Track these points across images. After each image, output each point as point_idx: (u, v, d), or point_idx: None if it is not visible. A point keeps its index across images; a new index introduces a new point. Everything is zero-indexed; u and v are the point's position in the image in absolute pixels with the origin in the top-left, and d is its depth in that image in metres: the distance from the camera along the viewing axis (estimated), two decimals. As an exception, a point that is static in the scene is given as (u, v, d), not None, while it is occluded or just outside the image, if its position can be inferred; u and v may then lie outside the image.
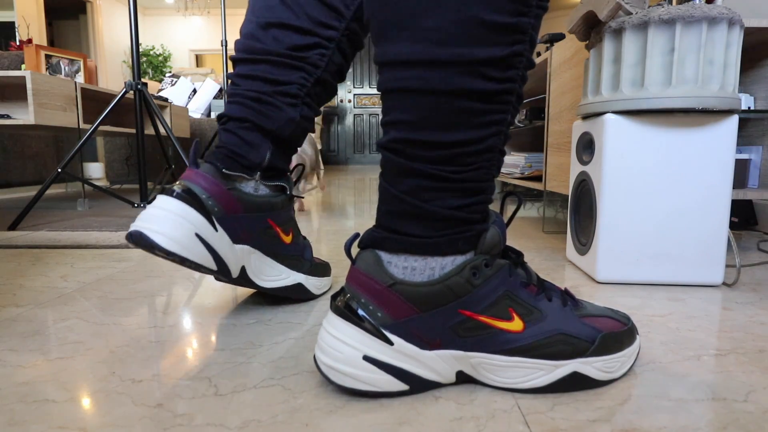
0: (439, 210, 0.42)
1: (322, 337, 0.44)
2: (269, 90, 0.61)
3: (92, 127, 1.52)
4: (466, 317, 0.43)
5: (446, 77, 0.39)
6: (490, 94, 0.40)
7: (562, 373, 0.44)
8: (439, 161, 0.41)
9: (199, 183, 0.56)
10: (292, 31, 0.61)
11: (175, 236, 0.52)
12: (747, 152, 1.18)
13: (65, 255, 1.03)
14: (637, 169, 0.78)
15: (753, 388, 0.45)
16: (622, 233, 0.79)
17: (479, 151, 0.41)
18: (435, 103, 0.40)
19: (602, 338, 0.45)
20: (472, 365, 0.44)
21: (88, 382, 0.45)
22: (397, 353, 0.42)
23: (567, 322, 0.45)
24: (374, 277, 0.43)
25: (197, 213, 0.54)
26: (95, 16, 5.69)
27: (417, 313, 0.42)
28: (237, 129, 0.61)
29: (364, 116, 6.60)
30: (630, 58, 0.75)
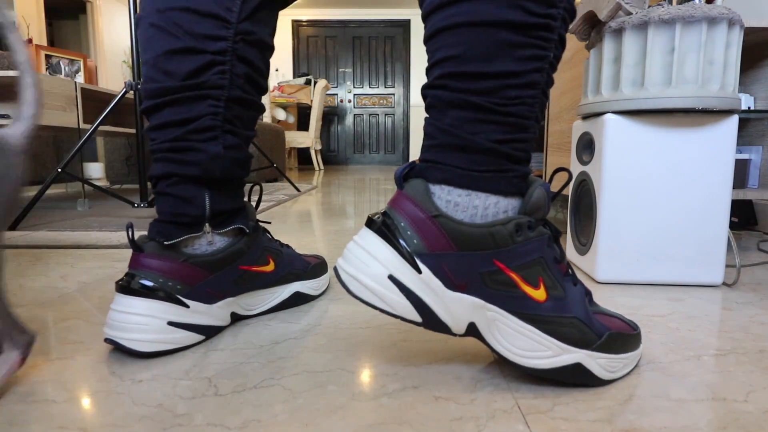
0: (483, 141, 0.43)
1: (350, 248, 0.44)
2: (181, 133, 0.55)
3: (92, 127, 1.52)
4: (498, 268, 0.43)
5: (491, 9, 0.41)
6: (530, 26, 0.41)
7: (567, 360, 0.44)
8: (483, 92, 0.42)
9: (152, 267, 0.52)
10: (179, 55, 0.53)
11: (150, 337, 0.50)
12: (747, 152, 1.18)
13: (65, 255, 1.03)
14: (637, 169, 0.78)
15: (753, 388, 0.45)
16: (622, 233, 0.79)
17: (521, 84, 0.42)
18: (479, 34, 0.41)
19: (610, 336, 0.46)
20: (486, 320, 0.44)
21: (88, 383, 0.45)
22: (422, 283, 0.43)
23: (583, 310, 0.46)
24: (420, 204, 0.43)
25: (161, 303, 0.51)
26: (95, 16, 5.69)
27: (453, 250, 0.43)
28: (166, 188, 0.55)
29: (364, 116, 6.60)
30: (630, 58, 0.75)
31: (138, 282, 0.51)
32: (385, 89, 6.54)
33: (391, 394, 0.44)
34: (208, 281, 0.56)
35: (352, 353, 0.53)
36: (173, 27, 0.53)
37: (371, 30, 6.44)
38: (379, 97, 6.56)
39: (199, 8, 0.53)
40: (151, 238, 0.54)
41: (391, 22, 6.41)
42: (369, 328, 0.60)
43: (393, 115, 6.59)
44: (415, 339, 0.56)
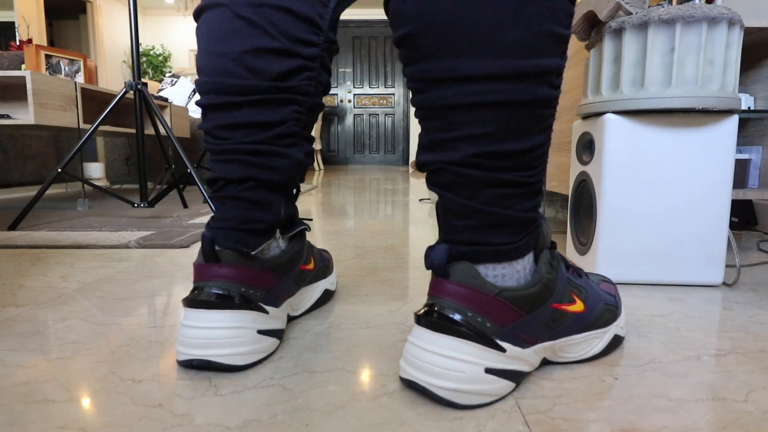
0: (519, 214, 0.44)
1: (427, 359, 0.41)
2: (264, 137, 0.52)
3: (92, 127, 1.52)
4: (555, 310, 0.46)
5: (528, 88, 0.40)
6: (552, 99, 0.43)
7: (608, 337, 0.52)
8: (517, 168, 0.43)
9: (233, 278, 0.49)
10: (272, 55, 0.50)
11: (246, 349, 0.48)
12: (747, 152, 1.18)
13: (65, 255, 1.03)
14: (637, 169, 0.78)
15: (753, 388, 0.45)
16: (622, 233, 0.79)
17: (543, 153, 0.44)
18: (516, 113, 0.41)
19: (618, 300, 0.55)
20: (554, 350, 0.48)
21: (88, 382, 0.45)
22: (508, 358, 0.43)
23: (599, 292, 0.52)
24: (479, 289, 0.42)
25: (250, 312, 0.49)
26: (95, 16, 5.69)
27: (521, 317, 0.43)
28: (240, 192, 0.52)
29: (364, 116, 6.60)
30: (630, 58, 0.75)
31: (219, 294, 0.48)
32: (385, 89, 6.54)
33: (391, 393, 0.44)
34: (278, 285, 0.55)
35: (352, 353, 0.53)
36: (267, 24, 0.50)
37: (371, 30, 6.44)
38: (379, 97, 6.56)
39: (296, 10, 0.51)
40: (227, 246, 0.50)
41: (391, 22, 6.41)
42: (369, 328, 0.60)
43: (393, 115, 6.59)
44: (415, 339, 0.56)
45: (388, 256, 1.02)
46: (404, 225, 1.45)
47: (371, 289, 0.77)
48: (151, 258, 1.00)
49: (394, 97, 6.54)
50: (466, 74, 0.40)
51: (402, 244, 1.16)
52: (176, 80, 3.49)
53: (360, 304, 0.70)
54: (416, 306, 0.69)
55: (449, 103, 0.41)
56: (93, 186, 1.54)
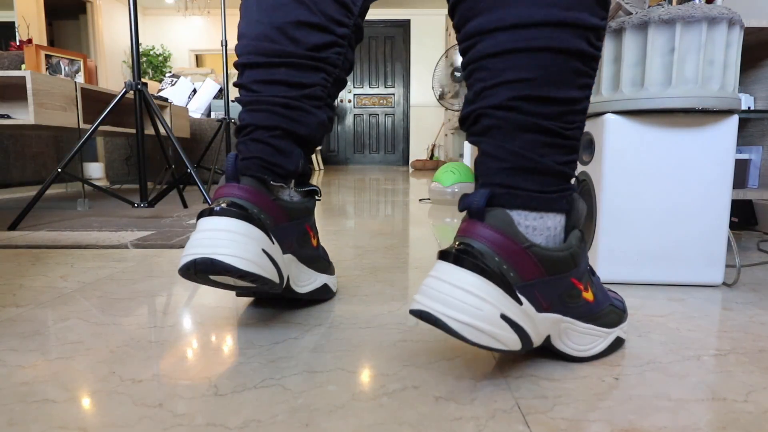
0: (553, 165, 0.45)
1: (447, 291, 0.41)
2: (296, 94, 0.59)
3: (92, 127, 1.52)
4: (573, 284, 0.47)
5: (566, 38, 0.43)
6: (590, 57, 0.45)
7: (611, 339, 0.52)
8: (553, 117, 0.45)
9: (248, 198, 0.54)
10: (310, 29, 0.58)
11: (249, 257, 0.50)
12: (747, 152, 1.18)
13: (65, 255, 1.03)
14: (637, 169, 0.78)
15: (753, 388, 0.45)
16: (622, 233, 0.79)
17: (580, 110, 0.46)
18: (555, 60, 0.44)
19: (624, 306, 0.55)
20: (559, 330, 0.48)
21: (88, 382, 0.45)
22: (523, 314, 0.43)
23: (606, 292, 0.53)
24: (511, 237, 0.43)
25: (258, 229, 0.52)
26: (95, 16, 5.69)
27: (543, 277, 0.45)
28: (268, 138, 0.59)
29: (364, 116, 6.60)
30: (630, 58, 0.75)
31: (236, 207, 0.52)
32: (385, 89, 6.54)
33: (391, 394, 0.44)
34: (285, 227, 0.59)
35: (352, 353, 0.53)
36: (311, 3, 0.58)
37: (371, 30, 6.44)
38: (379, 97, 6.56)
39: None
40: (248, 174, 0.56)
41: (391, 22, 6.41)
42: (369, 328, 0.60)
43: (393, 115, 6.59)
44: (415, 339, 0.56)
45: (388, 256, 1.02)
46: (404, 225, 1.45)
47: (371, 289, 0.77)
48: (151, 258, 1.00)
49: (394, 97, 6.54)
50: (513, 22, 0.43)
51: (402, 244, 1.16)
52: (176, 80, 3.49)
53: (360, 304, 0.70)
54: (416, 306, 0.69)
55: (495, 50, 0.45)
56: (93, 186, 1.54)
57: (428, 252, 1.06)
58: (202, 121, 3.06)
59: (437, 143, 6.45)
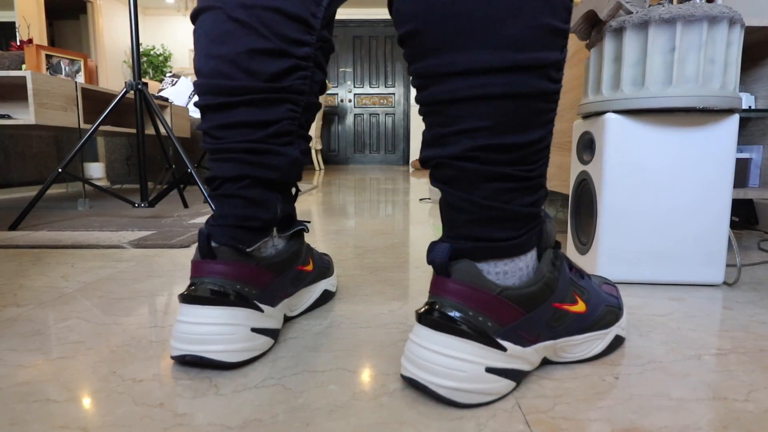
0: (520, 209, 0.44)
1: (428, 358, 0.42)
2: (260, 136, 0.52)
3: (93, 127, 1.52)
4: (556, 309, 0.47)
5: (526, 81, 0.41)
6: (552, 93, 0.43)
7: (610, 338, 0.52)
8: (517, 162, 0.43)
9: (227, 275, 0.49)
10: (265, 56, 0.51)
11: (238, 346, 0.48)
12: (747, 151, 1.18)
13: (66, 255, 1.03)
14: (637, 168, 0.78)
15: (754, 388, 0.45)
16: (623, 233, 0.79)
17: (544, 147, 0.44)
18: (515, 106, 0.41)
19: (620, 301, 0.55)
20: (554, 350, 0.48)
21: (88, 382, 0.45)
22: (509, 357, 0.43)
23: (600, 294, 0.53)
24: (480, 288, 0.42)
25: (243, 310, 0.49)
26: (95, 16, 5.69)
27: (522, 315, 0.43)
28: (237, 190, 0.53)
29: (365, 116, 6.60)
30: (631, 58, 0.75)
31: (212, 290, 0.48)
32: (385, 89, 6.54)
33: (392, 393, 0.44)
34: (274, 284, 0.55)
35: (352, 353, 0.53)
36: (261, 26, 0.51)
37: (372, 30, 6.44)
38: (379, 96, 6.56)
39: (288, 10, 0.51)
40: (223, 243, 0.51)
41: (392, 22, 6.41)
42: (369, 328, 0.60)
43: (393, 114, 6.59)
44: (416, 338, 0.56)
45: (389, 255, 1.02)
46: (405, 225, 1.45)
47: (371, 289, 0.77)
48: (151, 258, 1.00)
49: (395, 96, 6.54)
50: (465, 68, 0.40)
51: (402, 243, 1.16)
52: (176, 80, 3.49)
53: (360, 303, 0.70)
54: (417, 305, 0.69)
55: (449, 97, 0.42)
56: (93, 186, 1.54)
57: (429, 251, 1.06)
58: (203, 121, 3.05)
59: (438, 143, 6.44)
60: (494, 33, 0.39)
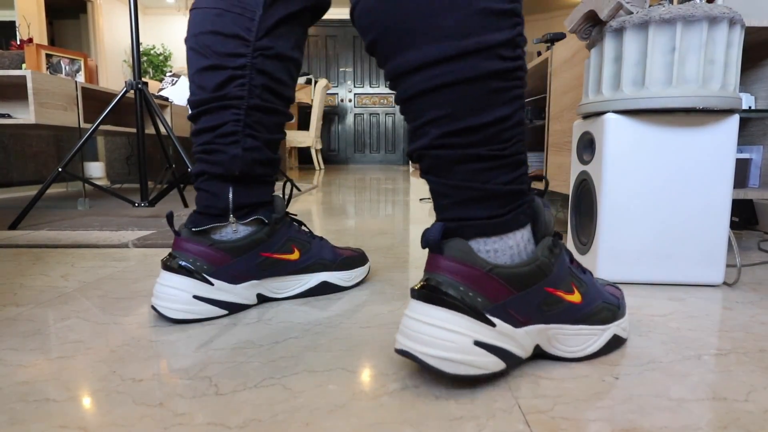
0: (499, 187, 0.46)
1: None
2: (210, 138, 0.64)
3: (93, 126, 1.52)
4: (548, 293, 0.47)
5: (474, 65, 0.43)
6: (509, 71, 0.44)
7: (607, 336, 0.51)
8: (485, 142, 0.45)
9: (185, 249, 0.62)
10: (207, 72, 0.63)
11: (177, 307, 0.60)
12: (748, 152, 1.18)
13: (66, 254, 1.03)
14: (637, 168, 0.78)
15: (754, 388, 0.45)
16: (623, 233, 0.79)
17: (513, 125, 0.45)
18: (469, 90, 0.44)
19: (621, 303, 0.54)
20: (548, 337, 0.49)
21: (88, 382, 0.46)
22: (498, 334, 0.45)
23: (600, 291, 0.53)
24: (472, 264, 0.44)
25: (188, 279, 0.61)
26: (96, 16, 5.69)
27: (513, 294, 0.45)
28: (200, 184, 0.66)
29: (365, 116, 6.59)
30: (631, 58, 0.75)
31: (174, 261, 0.61)
32: (385, 89, 6.54)
33: (392, 393, 0.44)
34: (232, 264, 0.64)
35: (352, 353, 0.53)
36: (203, 48, 0.63)
37: (372, 29, 6.43)
38: (379, 96, 6.56)
39: (224, 31, 0.62)
40: (185, 225, 0.64)
41: (392, 22, 6.40)
42: (369, 328, 0.60)
43: (394, 114, 6.59)
44: (416, 338, 0.56)
45: (389, 255, 1.02)
46: (405, 224, 1.45)
47: (371, 289, 0.77)
48: (151, 257, 1.00)
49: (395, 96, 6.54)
50: (418, 64, 0.44)
51: (402, 243, 1.16)
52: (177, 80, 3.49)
53: (360, 304, 0.70)
54: (417, 305, 0.69)
55: (411, 93, 0.45)
56: (93, 185, 1.54)
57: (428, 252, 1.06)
58: (203, 121, 3.05)
59: (438, 143, 6.44)
60: (436, 27, 0.42)
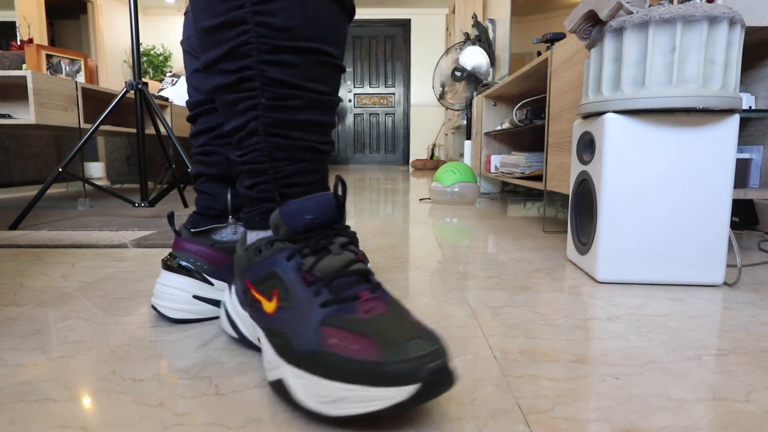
0: (242, 189, 0.51)
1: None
2: (208, 139, 0.64)
3: (93, 126, 1.52)
4: (246, 287, 0.48)
5: (206, 80, 0.52)
6: (233, 84, 0.47)
7: (276, 375, 0.41)
8: (235, 148, 0.50)
9: (185, 249, 0.63)
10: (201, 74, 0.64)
11: (177, 306, 0.61)
12: (748, 152, 1.18)
13: (66, 254, 1.03)
14: (637, 168, 0.78)
15: (754, 388, 0.45)
16: (623, 233, 0.79)
17: (246, 135, 0.48)
18: (219, 100, 0.49)
19: (317, 353, 0.38)
20: (258, 336, 0.47)
21: (88, 382, 0.46)
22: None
23: (303, 319, 0.40)
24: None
25: (188, 279, 0.61)
26: (96, 16, 5.69)
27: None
28: (200, 185, 0.66)
29: (364, 116, 6.59)
30: (631, 58, 0.75)
31: (174, 261, 0.62)
32: (385, 89, 6.54)
33: (392, 393, 0.44)
34: (228, 265, 0.63)
35: (352, 353, 0.53)
36: (194, 50, 0.65)
37: (371, 29, 6.44)
38: (379, 96, 6.56)
39: None
40: (185, 226, 0.65)
41: (392, 22, 6.41)
42: (369, 328, 0.60)
43: (393, 114, 6.58)
44: (416, 338, 0.56)
45: (389, 256, 1.02)
46: (404, 225, 1.45)
47: (372, 289, 0.77)
48: (151, 257, 1.00)
49: (395, 96, 6.54)
50: None
51: (402, 243, 1.16)
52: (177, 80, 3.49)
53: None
54: (416, 306, 0.69)
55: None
56: (94, 185, 1.54)
57: (428, 251, 1.06)
58: (203, 121, 3.05)
59: (437, 143, 6.45)
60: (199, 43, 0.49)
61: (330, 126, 0.52)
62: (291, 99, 0.47)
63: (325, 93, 0.49)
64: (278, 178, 0.49)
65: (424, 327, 0.39)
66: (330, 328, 0.39)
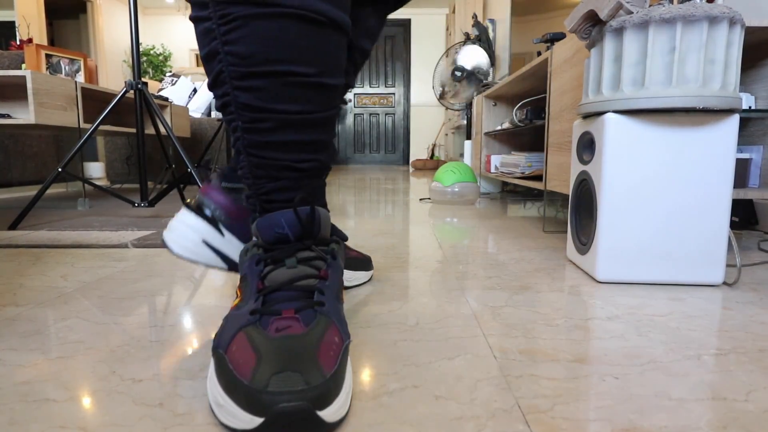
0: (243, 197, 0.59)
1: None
2: None
3: (92, 126, 1.52)
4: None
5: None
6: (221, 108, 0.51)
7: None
8: None
9: (210, 196, 0.65)
10: None
11: (185, 244, 0.63)
12: (748, 151, 1.18)
13: (65, 254, 1.03)
14: (637, 168, 0.78)
15: (753, 388, 0.45)
16: (623, 233, 0.79)
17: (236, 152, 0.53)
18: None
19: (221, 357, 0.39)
20: None
21: (88, 382, 0.45)
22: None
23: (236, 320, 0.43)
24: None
25: (204, 223, 0.63)
26: (95, 16, 5.69)
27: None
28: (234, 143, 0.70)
29: (365, 116, 6.60)
30: (631, 58, 0.75)
31: (196, 202, 0.65)
32: (385, 89, 6.54)
33: (392, 393, 0.44)
34: (247, 222, 0.65)
35: (352, 352, 0.53)
36: None
37: (371, 29, 6.43)
38: (379, 96, 6.56)
39: None
40: (218, 176, 0.67)
41: (392, 22, 6.41)
42: (369, 328, 0.60)
43: (393, 114, 6.59)
44: (415, 339, 0.56)
45: (388, 255, 1.02)
46: (404, 225, 1.45)
47: (371, 289, 0.77)
48: (151, 257, 1.00)
49: (395, 96, 6.54)
50: None
51: (402, 243, 1.16)
52: (176, 80, 3.48)
53: (360, 304, 0.70)
54: (416, 306, 0.69)
55: None
56: (93, 185, 1.54)
57: (429, 251, 1.06)
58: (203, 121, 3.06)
59: (437, 143, 6.45)
60: None
61: (314, 143, 0.52)
62: (261, 122, 0.49)
63: (297, 112, 0.49)
64: (260, 194, 0.53)
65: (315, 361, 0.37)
66: (242, 335, 0.40)
